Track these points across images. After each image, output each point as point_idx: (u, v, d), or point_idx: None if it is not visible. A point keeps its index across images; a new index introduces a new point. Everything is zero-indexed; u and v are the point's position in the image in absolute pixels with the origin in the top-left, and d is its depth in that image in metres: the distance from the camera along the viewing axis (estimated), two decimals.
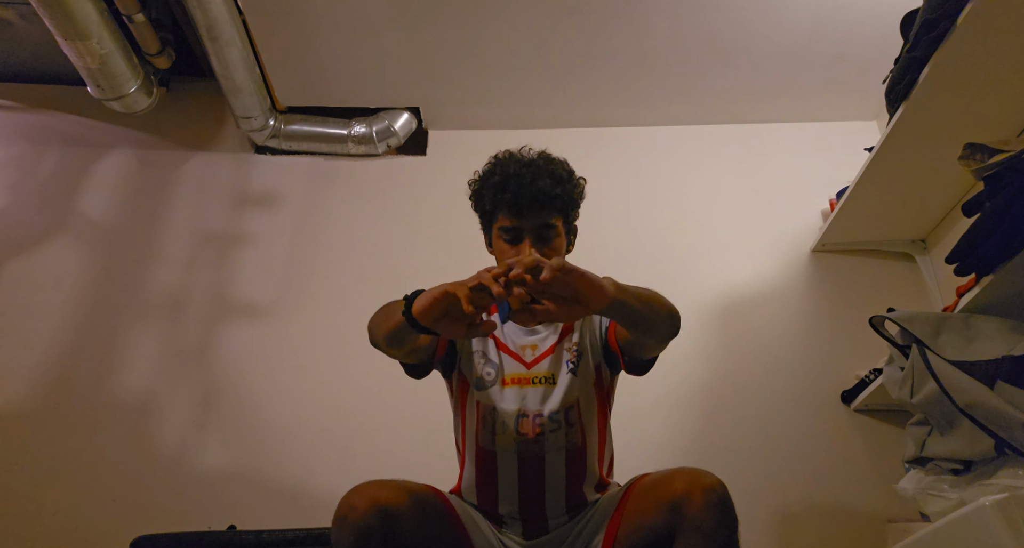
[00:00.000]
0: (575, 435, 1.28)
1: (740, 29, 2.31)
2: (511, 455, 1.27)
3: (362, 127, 2.64)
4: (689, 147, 2.65)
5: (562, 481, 1.26)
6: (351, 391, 2.20)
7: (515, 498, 1.27)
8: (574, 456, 1.28)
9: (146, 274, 2.42)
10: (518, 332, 1.37)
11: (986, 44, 1.53)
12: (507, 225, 1.31)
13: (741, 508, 1.98)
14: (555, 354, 1.33)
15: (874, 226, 2.25)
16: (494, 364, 1.33)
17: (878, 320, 1.59)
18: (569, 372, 1.31)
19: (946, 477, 1.42)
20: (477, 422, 1.31)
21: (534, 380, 1.31)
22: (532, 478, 1.26)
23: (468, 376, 1.36)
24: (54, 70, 2.71)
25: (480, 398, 1.32)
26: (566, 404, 1.28)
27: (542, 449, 1.26)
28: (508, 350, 1.35)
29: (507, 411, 1.28)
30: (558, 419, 1.27)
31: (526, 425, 1.27)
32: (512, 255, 1.29)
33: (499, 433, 1.28)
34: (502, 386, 1.31)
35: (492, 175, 1.34)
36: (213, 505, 2.02)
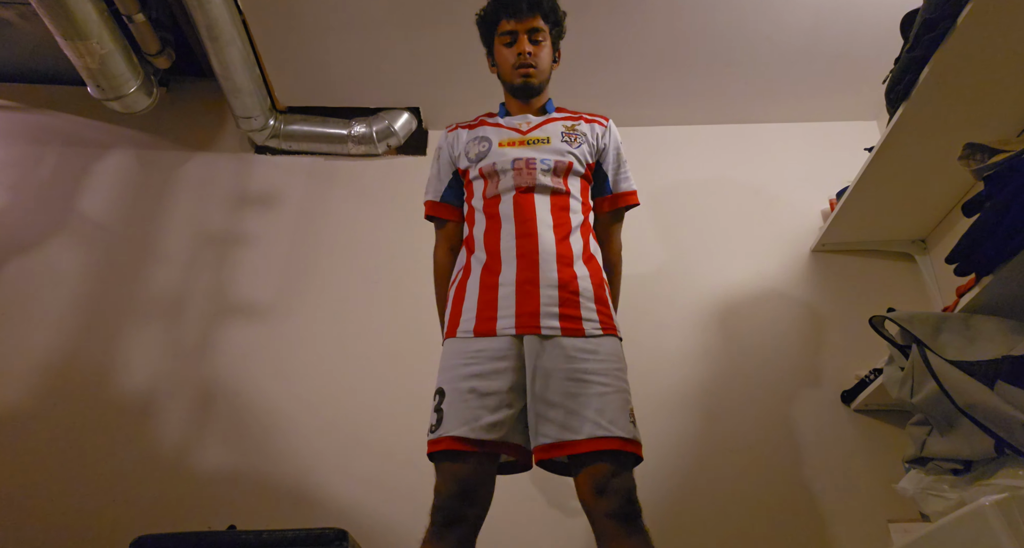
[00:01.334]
0: (560, 185, 1.49)
1: (740, 29, 2.31)
2: (509, 193, 1.47)
3: (362, 127, 2.64)
4: (689, 147, 2.65)
5: (549, 216, 1.45)
6: (351, 391, 2.20)
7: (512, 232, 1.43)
8: (559, 204, 1.47)
9: (146, 274, 2.43)
10: (515, 118, 1.62)
11: (986, 44, 1.53)
12: (507, 29, 1.57)
13: (741, 508, 1.99)
14: (551, 125, 1.58)
15: (874, 226, 2.25)
16: (488, 138, 1.57)
17: (878, 320, 1.59)
18: (564, 142, 1.54)
19: (946, 477, 1.42)
20: (483, 182, 1.53)
21: (529, 141, 1.55)
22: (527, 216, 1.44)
23: (469, 167, 1.57)
24: (54, 70, 2.71)
25: (482, 165, 1.53)
26: (556, 158, 1.51)
27: (533, 182, 1.47)
28: (503, 126, 1.60)
29: (504, 160, 1.51)
30: (548, 165, 1.50)
31: (520, 164, 1.50)
32: (511, 52, 1.56)
33: (500, 178, 1.50)
34: (499, 147, 1.54)
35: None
36: (213, 505, 2.02)
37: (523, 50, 1.55)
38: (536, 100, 1.62)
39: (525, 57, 1.55)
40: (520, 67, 1.56)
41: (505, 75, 1.61)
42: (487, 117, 1.66)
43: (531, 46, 1.56)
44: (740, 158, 2.61)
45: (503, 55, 1.60)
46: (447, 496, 1.24)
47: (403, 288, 2.37)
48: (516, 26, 1.57)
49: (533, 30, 1.57)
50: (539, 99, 1.62)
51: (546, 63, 1.60)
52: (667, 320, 2.28)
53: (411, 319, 2.26)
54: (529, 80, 1.56)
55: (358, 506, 2.01)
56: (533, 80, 1.57)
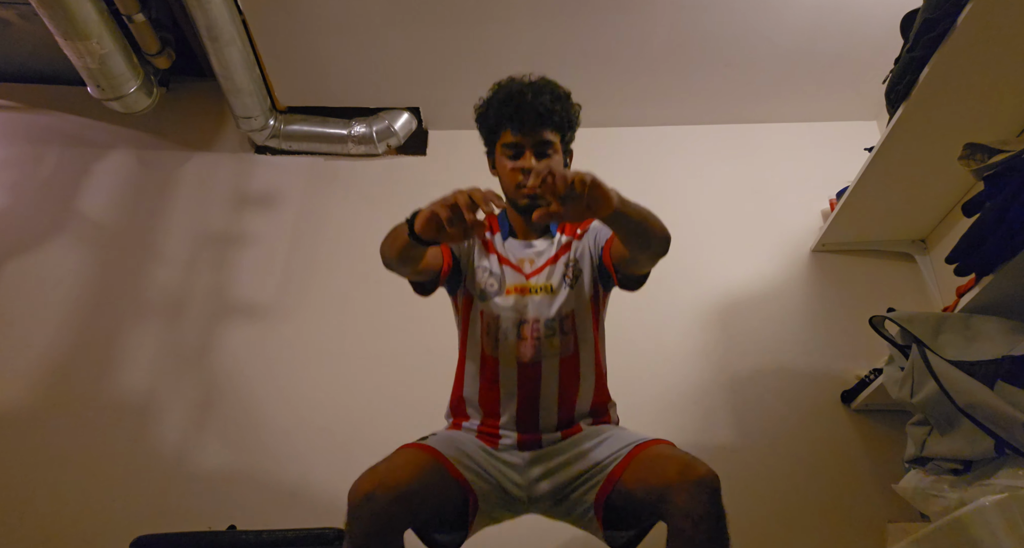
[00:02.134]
0: (569, 343, 1.39)
1: (740, 29, 2.31)
2: (511, 360, 1.37)
3: (362, 127, 2.64)
4: (689, 147, 2.65)
5: (556, 387, 1.37)
6: (351, 391, 2.20)
7: (513, 404, 1.36)
8: (568, 363, 1.39)
9: (146, 274, 2.43)
10: (518, 247, 1.49)
11: (986, 44, 1.53)
12: (511, 141, 1.41)
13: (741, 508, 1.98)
14: (553, 266, 1.45)
15: (874, 226, 2.25)
16: (497, 276, 1.44)
17: (878, 320, 1.59)
18: (567, 285, 1.43)
19: (946, 477, 1.42)
20: (482, 331, 1.42)
21: (533, 289, 1.42)
22: (529, 382, 1.37)
23: (472, 290, 1.46)
24: (54, 70, 2.71)
25: (484, 308, 1.42)
26: (562, 313, 1.40)
27: (539, 354, 1.37)
28: (509, 262, 1.46)
29: (509, 318, 1.39)
30: (553, 326, 1.39)
31: (525, 330, 1.38)
32: (515, 171, 1.40)
33: (502, 340, 1.39)
34: (505, 294, 1.42)
35: (498, 94, 1.45)
36: (213, 505, 2.02)
37: (529, 166, 1.37)
38: None
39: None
40: (524, 186, 1.36)
41: (507, 190, 1.45)
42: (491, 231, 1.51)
43: (538, 162, 1.39)
44: (740, 158, 2.61)
45: (505, 167, 1.43)
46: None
47: (403, 288, 2.36)
48: (521, 139, 1.40)
49: (541, 143, 1.40)
50: None
51: None
52: (667, 320, 2.28)
53: (411, 319, 2.26)
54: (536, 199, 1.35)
55: None
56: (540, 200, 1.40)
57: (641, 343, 2.18)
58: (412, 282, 1.44)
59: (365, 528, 1.05)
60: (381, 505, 1.05)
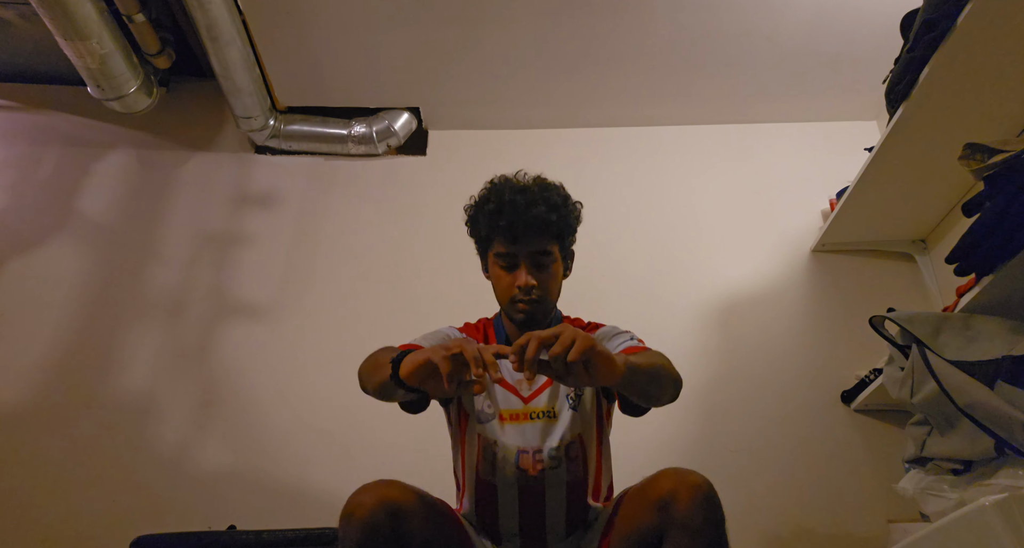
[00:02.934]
0: (576, 469, 1.28)
1: (740, 29, 2.31)
2: (511, 488, 1.26)
3: (362, 127, 2.64)
4: (689, 147, 2.65)
5: (563, 509, 1.27)
6: (351, 391, 2.18)
7: (515, 524, 1.28)
8: (575, 487, 1.28)
9: (146, 274, 2.43)
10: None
11: (986, 44, 1.53)
12: (503, 251, 1.29)
13: (741, 508, 1.98)
14: (553, 387, 1.32)
15: (874, 226, 2.24)
16: (492, 398, 1.32)
17: (878, 320, 1.59)
18: (570, 408, 1.30)
19: (946, 477, 1.42)
20: (477, 455, 1.30)
21: (532, 415, 1.29)
22: (532, 509, 1.27)
23: (469, 409, 1.34)
24: (54, 70, 2.71)
25: (480, 431, 1.30)
26: (567, 441, 1.28)
27: (542, 485, 1.26)
28: (505, 384, 1.33)
29: (507, 446, 1.27)
30: (558, 456, 1.26)
31: (526, 461, 1.26)
32: (508, 281, 1.29)
33: (499, 467, 1.27)
34: (501, 422, 1.29)
35: (487, 202, 1.31)
36: (213, 505, 2.02)
37: (523, 282, 1.27)
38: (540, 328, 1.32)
39: (527, 292, 1.27)
40: (519, 301, 1.28)
41: (501, 300, 1.34)
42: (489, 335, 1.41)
43: (534, 274, 1.28)
44: (740, 158, 2.61)
45: (499, 278, 1.32)
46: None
47: (403, 288, 2.37)
48: (514, 250, 1.28)
49: (537, 254, 1.28)
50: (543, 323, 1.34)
51: (555, 288, 1.33)
52: (667, 320, 2.28)
53: (411, 319, 2.25)
54: (532, 314, 1.29)
55: None
56: (537, 313, 1.30)
57: None
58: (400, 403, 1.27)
59: (352, 537, 1.01)
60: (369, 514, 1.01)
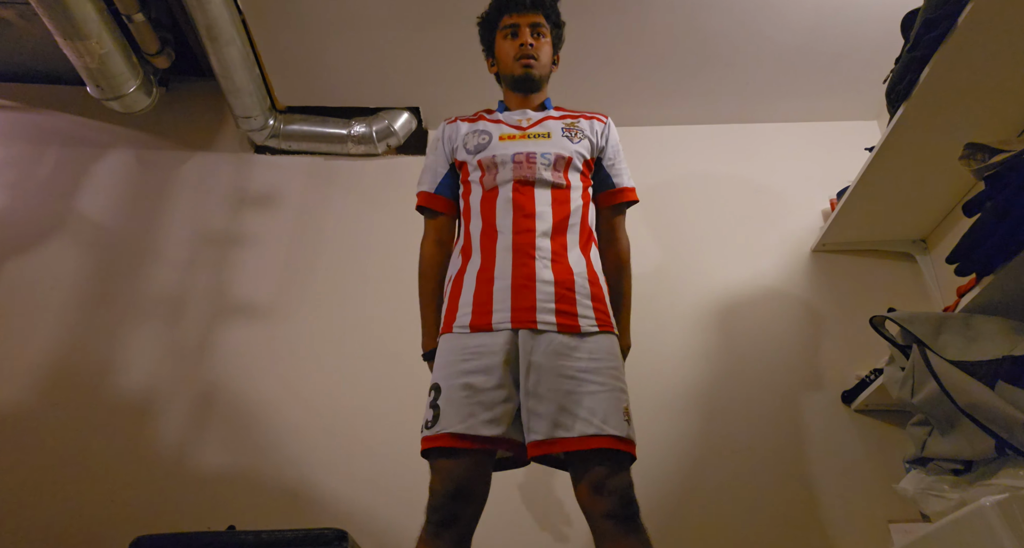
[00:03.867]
0: (560, 179, 1.48)
1: (740, 29, 2.31)
2: (507, 185, 1.46)
3: (362, 127, 2.64)
4: (689, 147, 2.65)
5: (548, 209, 1.43)
6: (351, 391, 2.20)
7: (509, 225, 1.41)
8: (559, 198, 1.46)
9: (146, 274, 2.42)
10: (513, 115, 1.60)
11: (987, 44, 1.53)
12: (509, 23, 1.60)
13: (741, 508, 1.99)
14: (551, 122, 1.57)
15: (874, 226, 2.25)
16: (488, 132, 1.56)
17: (878, 320, 1.59)
18: (566, 137, 1.54)
19: (946, 477, 1.42)
20: (481, 173, 1.51)
21: (530, 136, 1.54)
22: (525, 203, 1.43)
23: (467, 159, 1.55)
24: (54, 70, 2.71)
25: (481, 157, 1.52)
26: (557, 152, 1.50)
27: (534, 175, 1.46)
28: (503, 122, 1.59)
29: (505, 153, 1.50)
30: (548, 159, 1.48)
31: (520, 158, 1.49)
32: (513, 44, 1.58)
33: (499, 171, 1.48)
34: (499, 140, 1.53)
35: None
36: (213, 505, 2.02)
37: (525, 41, 1.57)
38: (536, 96, 1.62)
39: (527, 48, 1.57)
40: (522, 57, 1.57)
41: (506, 67, 1.62)
42: (486, 113, 1.66)
43: (533, 38, 1.58)
44: (740, 158, 2.61)
45: (504, 48, 1.61)
46: (443, 495, 1.22)
47: (403, 288, 2.36)
48: (518, 19, 1.60)
49: (535, 24, 1.60)
50: (539, 96, 1.63)
51: (546, 58, 1.62)
52: (667, 320, 2.28)
53: (411, 319, 2.25)
54: (530, 71, 1.57)
55: (358, 506, 2.01)
56: (534, 71, 1.58)
57: (641, 343, 2.17)
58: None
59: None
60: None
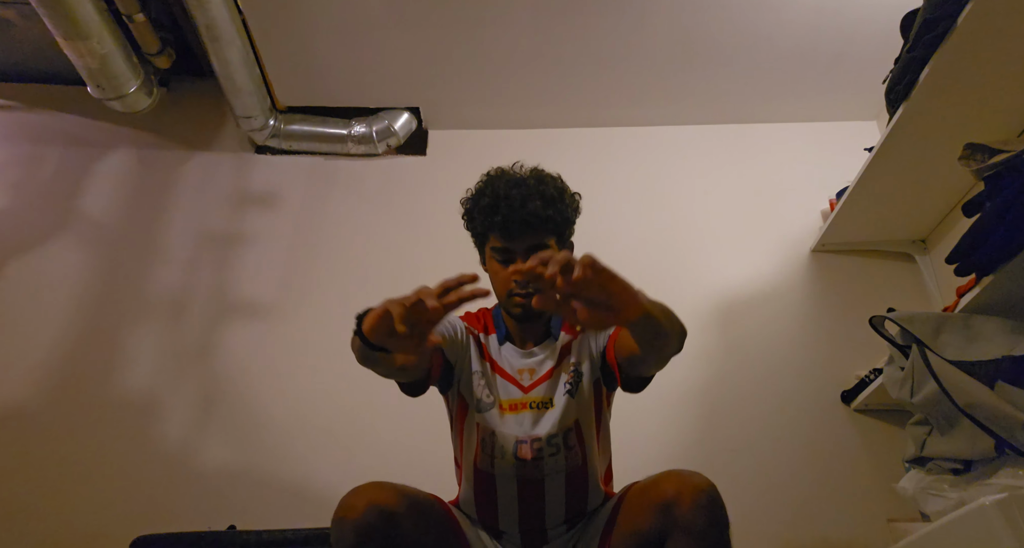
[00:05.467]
0: (575, 457, 1.28)
1: (740, 29, 2.31)
2: (510, 478, 1.26)
3: (362, 127, 2.64)
4: (689, 147, 2.65)
5: (562, 499, 1.27)
6: (351, 391, 2.20)
7: (515, 516, 1.27)
8: (574, 476, 1.28)
9: (147, 274, 2.42)
10: (515, 356, 1.36)
11: (986, 44, 1.53)
12: (499, 246, 1.29)
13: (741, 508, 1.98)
14: (552, 378, 1.32)
15: (874, 226, 2.24)
16: (492, 387, 1.32)
17: (878, 320, 1.59)
18: (566, 394, 1.30)
19: (946, 477, 1.42)
20: (476, 445, 1.30)
21: (531, 405, 1.29)
22: (532, 499, 1.27)
23: (468, 397, 1.33)
24: (54, 70, 2.71)
25: (479, 420, 1.30)
26: (564, 427, 1.27)
27: (541, 472, 1.26)
28: (505, 374, 1.33)
29: (506, 435, 1.27)
30: (556, 443, 1.26)
31: (524, 450, 1.25)
32: (505, 275, 1.28)
33: (498, 457, 1.27)
34: (500, 411, 1.29)
35: (482, 196, 1.30)
36: (213, 505, 2.02)
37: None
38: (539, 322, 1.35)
39: (523, 285, 1.25)
40: (516, 295, 1.27)
41: (499, 296, 1.32)
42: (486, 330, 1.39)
43: None
44: (740, 158, 2.61)
45: (495, 271, 1.31)
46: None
47: (403, 288, 2.36)
48: (511, 244, 1.27)
49: (535, 247, 1.26)
50: (541, 319, 1.35)
51: None
52: None
53: None
54: (529, 308, 1.26)
55: None
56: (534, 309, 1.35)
57: None
58: (398, 383, 1.26)
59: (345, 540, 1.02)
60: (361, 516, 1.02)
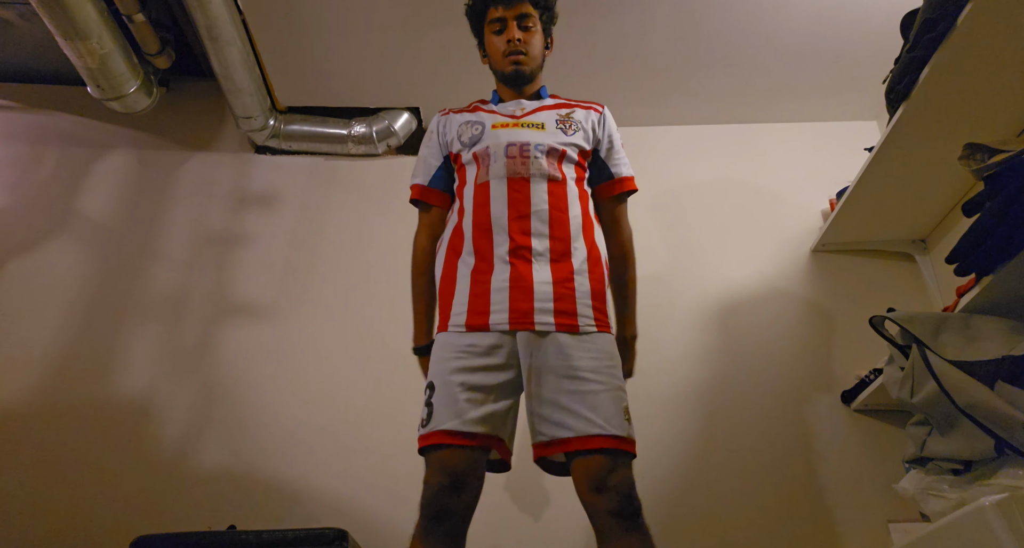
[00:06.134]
0: (556, 170, 1.45)
1: (740, 29, 2.31)
2: (501, 180, 1.43)
3: (362, 127, 2.64)
4: (689, 147, 2.65)
5: (545, 206, 1.41)
6: (351, 391, 2.20)
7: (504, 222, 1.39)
8: (555, 191, 1.43)
9: (146, 274, 2.42)
10: (507, 106, 1.59)
11: (986, 44, 1.53)
12: (495, 16, 1.57)
13: (741, 508, 1.98)
14: (546, 112, 1.55)
15: (874, 226, 2.25)
16: (481, 122, 1.55)
17: (878, 320, 1.59)
18: (560, 130, 1.51)
19: (946, 477, 1.42)
20: (476, 167, 1.48)
21: (523, 124, 1.51)
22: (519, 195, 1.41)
23: (463, 152, 1.53)
24: (54, 70, 2.71)
25: (476, 149, 1.50)
26: (551, 145, 1.47)
27: (527, 170, 1.43)
28: (496, 113, 1.57)
29: (498, 143, 1.47)
30: (542, 150, 1.46)
31: (513, 150, 1.45)
32: (501, 40, 1.56)
33: (492, 163, 1.45)
34: (492, 129, 1.51)
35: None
36: (213, 505, 2.02)
37: (512, 37, 1.54)
38: (529, 87, 1.61)
39: (515, 44, 1.54)
40: (510, 54, 1.55)
41: (496, 63, 1.60)
42: (481, 103, 1.65)
43: (521, 33, 1.55)
44: (740, 158, 2.61)
45: (493, 43, 1.59)
46: (436, 489, 1.22)
47: (403, 288, 2.36)
48: (504, 13, 1.56)
49: (522, 16, 1.56)
50: (532, 86, 1.61)
51: (537, 49, 1.59)
52: (667, 320, 2.28)
53: (411, 319, 2.26)
54: (520, 68, 1.55)
55: (358, 506, 2.01)
56: (524, 68, 1.56)
57: (641, 343, 2.17)
58: None
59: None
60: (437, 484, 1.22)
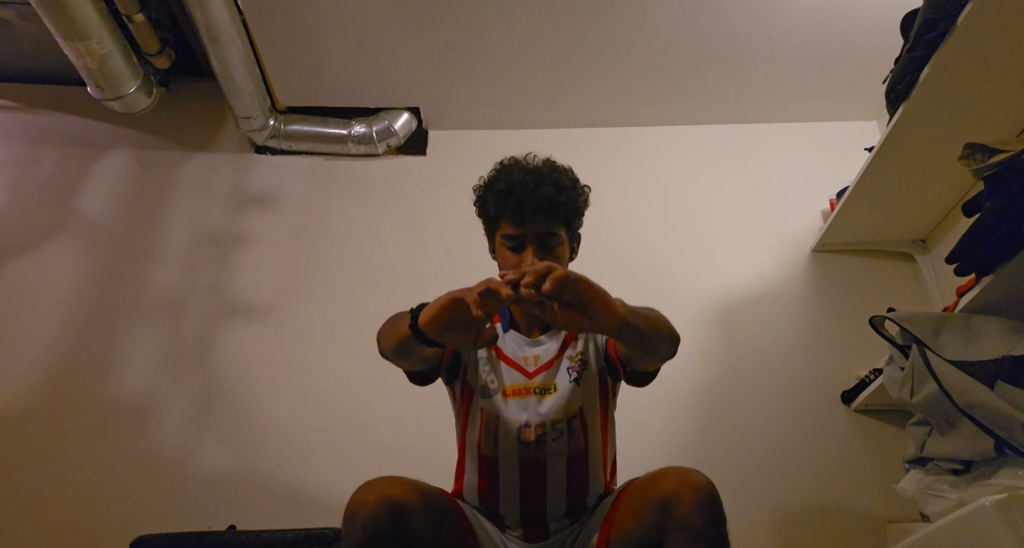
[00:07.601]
0: (577, 441, 1.29)
1: (740, 29, 2.31)
2: (513, 461, 1.27)
3: (362, 127, 2.64)
4: (689, 147, 2.65)
5: (563, 485, 1.27)
6: (351, 391, 2.20)
7: (516, 502, 1.28)
8: (576, 461, 1.28)
9: (146, 274, 2.42)
10: (521, 343, 1.37)
11: (986, 44, 1.53)
12: (510, 233, 1.30)
13: (741, 508, 1.98)
14: (556, 364, 1.34)
15: (874, 226, 2.25)
16: (496, 373, 1.34)
17: (878, 320, 1.59)
18: (572, 381, 1.32)
19: (946, 477, 1.42)
20: (480, 429, 1.31)
21: (536, 390, 1.31)
22: (534, 483, 1.27)
23: (473, 384, 1.35)
24: (54, 70, 2.71)
25: (484, 405, 1.32)
26: (569, 413, 1.29)
27: (544, 455, 1.27)
28: (509, 361, 1.35)
29: (510, 420, 1.29)
30: (560, 428, 1.28)
31: (528, 433, 1.27)
32: (515, 262, 1.29)
33: (501, 440, 1.28)
34: (504, 397, 1.31)
35: (496, 182, 1.33)
36: (213, 505, 2.02)
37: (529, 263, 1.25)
38: None
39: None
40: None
41: None
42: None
43: (540, 257, 1.27)
44: (740, 158, 2.61)
45: (505, 258, 1.32)
46: None
47: (403, 288, 2.37)
48: (522, 230, 1.28)
49: (544, 235, 1.28)
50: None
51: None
52: None
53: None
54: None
55: None
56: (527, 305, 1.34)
57: None
58: (408, 372, 1.30)
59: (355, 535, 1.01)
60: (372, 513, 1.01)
